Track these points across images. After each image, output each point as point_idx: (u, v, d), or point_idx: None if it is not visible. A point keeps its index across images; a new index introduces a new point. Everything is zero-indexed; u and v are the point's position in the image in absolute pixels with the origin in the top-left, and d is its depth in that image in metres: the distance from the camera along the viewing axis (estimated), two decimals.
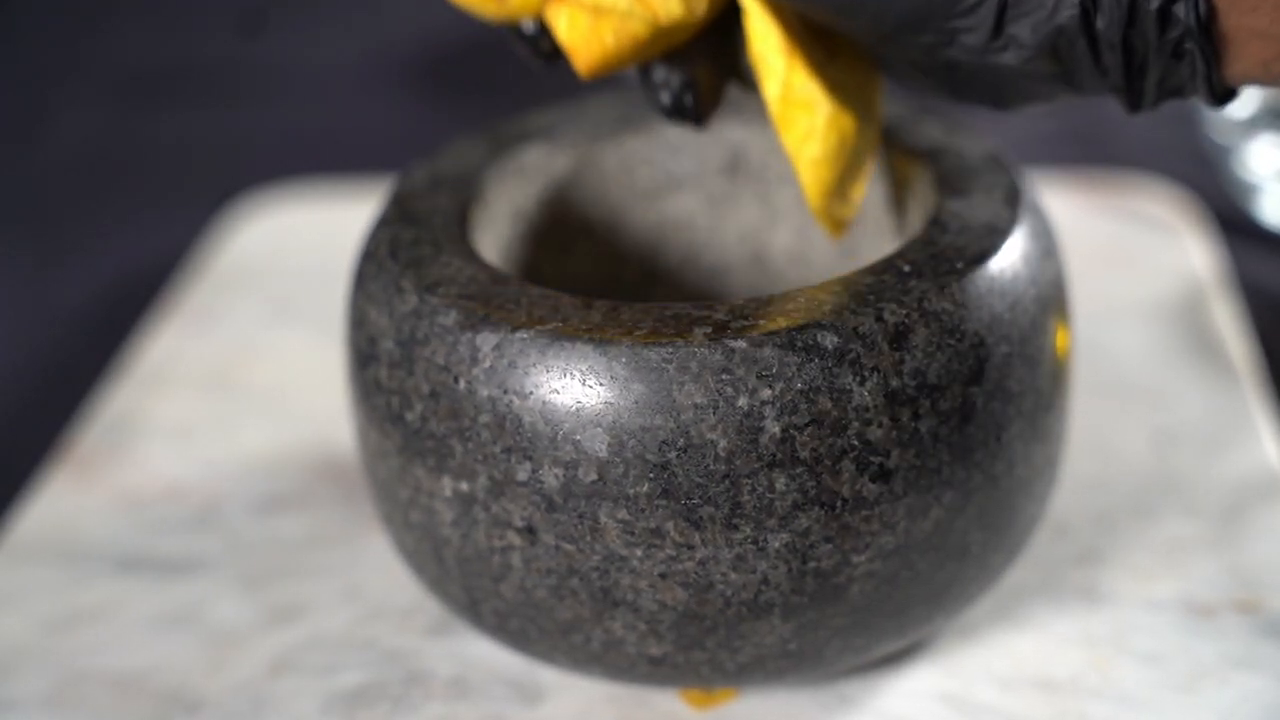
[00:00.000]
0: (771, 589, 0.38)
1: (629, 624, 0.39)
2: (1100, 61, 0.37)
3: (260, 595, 0.50)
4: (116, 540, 0.53)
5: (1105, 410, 0.55)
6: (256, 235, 0.71)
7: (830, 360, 0.37)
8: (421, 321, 0.40)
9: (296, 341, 0.63)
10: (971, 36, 0.37)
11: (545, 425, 0.38)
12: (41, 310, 0.71)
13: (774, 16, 0.40)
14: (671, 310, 0.38)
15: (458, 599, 0.42)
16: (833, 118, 0.41)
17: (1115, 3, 0.36)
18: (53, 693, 0.46)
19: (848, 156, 0.42)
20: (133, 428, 0.58)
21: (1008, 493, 0.40)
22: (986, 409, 0.39)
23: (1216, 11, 0.36)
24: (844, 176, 0.42)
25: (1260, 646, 0.45)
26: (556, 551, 0.38)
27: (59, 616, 0.49)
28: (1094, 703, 0.44)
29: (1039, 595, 0.47)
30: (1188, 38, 0.36)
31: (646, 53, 0.41)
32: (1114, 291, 0.62)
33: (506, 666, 0.46)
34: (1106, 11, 0.36)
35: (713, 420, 0.37)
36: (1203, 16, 0.36)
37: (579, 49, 0.40)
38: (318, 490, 0.54)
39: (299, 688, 0.46)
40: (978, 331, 0.39)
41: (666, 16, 0.40)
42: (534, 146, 0.48)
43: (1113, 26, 0.36)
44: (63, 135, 0.88)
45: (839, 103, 0.41)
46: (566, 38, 0.40)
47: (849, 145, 0.42)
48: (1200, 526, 0.50)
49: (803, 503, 0.37)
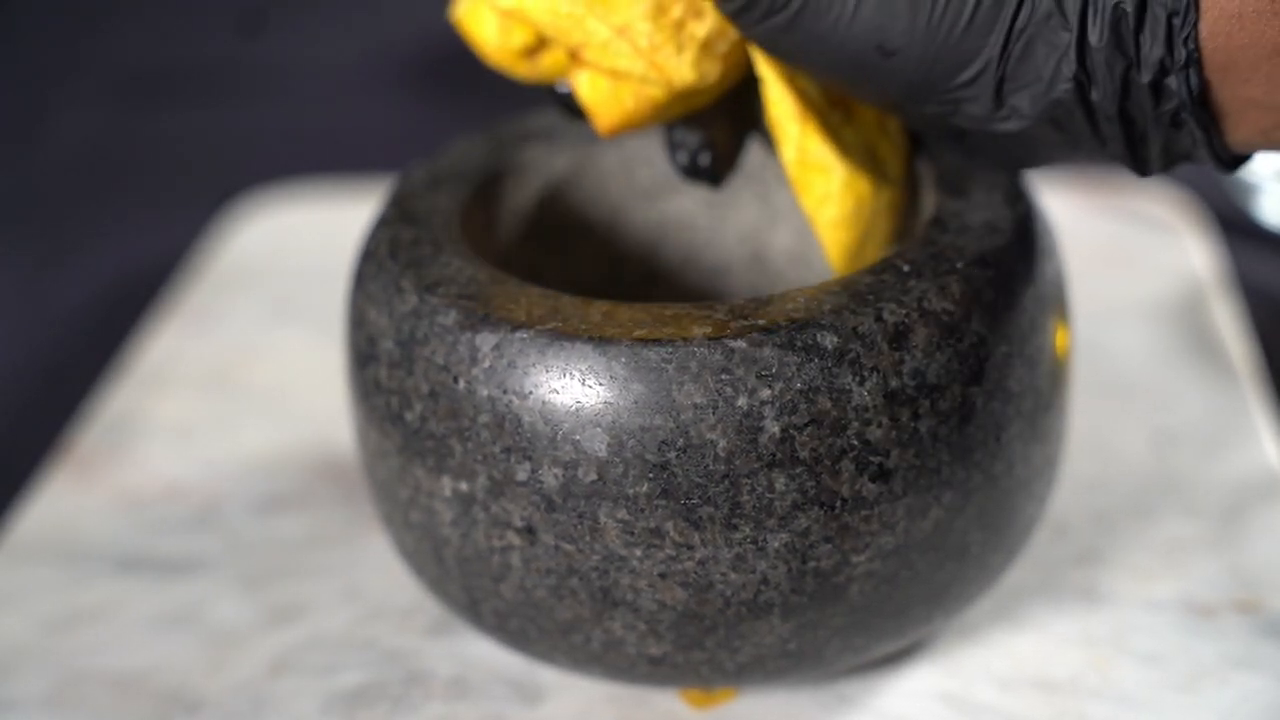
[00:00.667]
0: (771, 589, 0.38)
1: (629, 624, 0.39)
2: (1099, 131, 0.38)
3: (260, 595, 0.50)
4: (116, 540, 0.53)
5: (1105, 410, 0.55)
6: (256, 235, 0.71)
7: (830, 360, 0.37)
8: (421, 321, 0.40)
9: (296, 341, 0.63)
10: (974, 106, 0.38)
11: (545, 425, 0.38)
12: (41, 310, 0.71)
13: (788, 84, 0.41)
14: (671, 310, 0.38)
15: (458, 599, 0.42)
16: (848, 181, 0.42)
17: (1109, 76, 0.36)
18: (53, 693, 0.46)
19: (866, 219, 0.43)
20: (133, 428, 0.58)
21: (1007, 493, 0.40)
22: (986, 409, 0.39)
23: (1209, 84, 0.36)
24: (864, 238, 0.43)
25: (1260, 646, 0.45)
26: (556, 551, 0.38)
27: (59, 616, 0.49)
28: (1094, 703, 0.44)
29: (1039, 595, 0.47)
30: (1183, 110, 0.36)
31: (666, 114, 0.42)
32: (1114, 291, 0.62)
33: (506, 666, 0.46)
34: (1101, 85, 0.37)
35: (712, 420, 0.37)
36: (1195, 90, 0.36)
37: (599, 111, 0.41)
38: (318, 490, 0.54)
39: (299, 688, 0.46)
40: (977, 331, 0.39)
41: (680, 82, 0.41)
42: (534, 146, 0.48)
43: (1107, 99, 0.37)
44: (63, 135, 0.88)
45: (854, 167, 0.42)
46: (588, 99, 0.41)
47: (866, 208, 0.43)
48: (1200, 526, 0.50)
49: (802, 503, 0.37)
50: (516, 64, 0.43)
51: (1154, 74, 0.36)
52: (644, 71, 0.40)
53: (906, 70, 0.38)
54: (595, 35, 0.40)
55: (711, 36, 0.41)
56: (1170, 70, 0.36)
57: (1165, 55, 0.36)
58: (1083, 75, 0.37)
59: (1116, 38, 0.36)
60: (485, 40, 0.43)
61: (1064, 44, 0.37)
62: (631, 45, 0.40)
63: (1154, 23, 0.36)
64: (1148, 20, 0.36)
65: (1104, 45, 0.36)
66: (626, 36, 0.40)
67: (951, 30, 0.37)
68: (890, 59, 0.38)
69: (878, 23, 0.37)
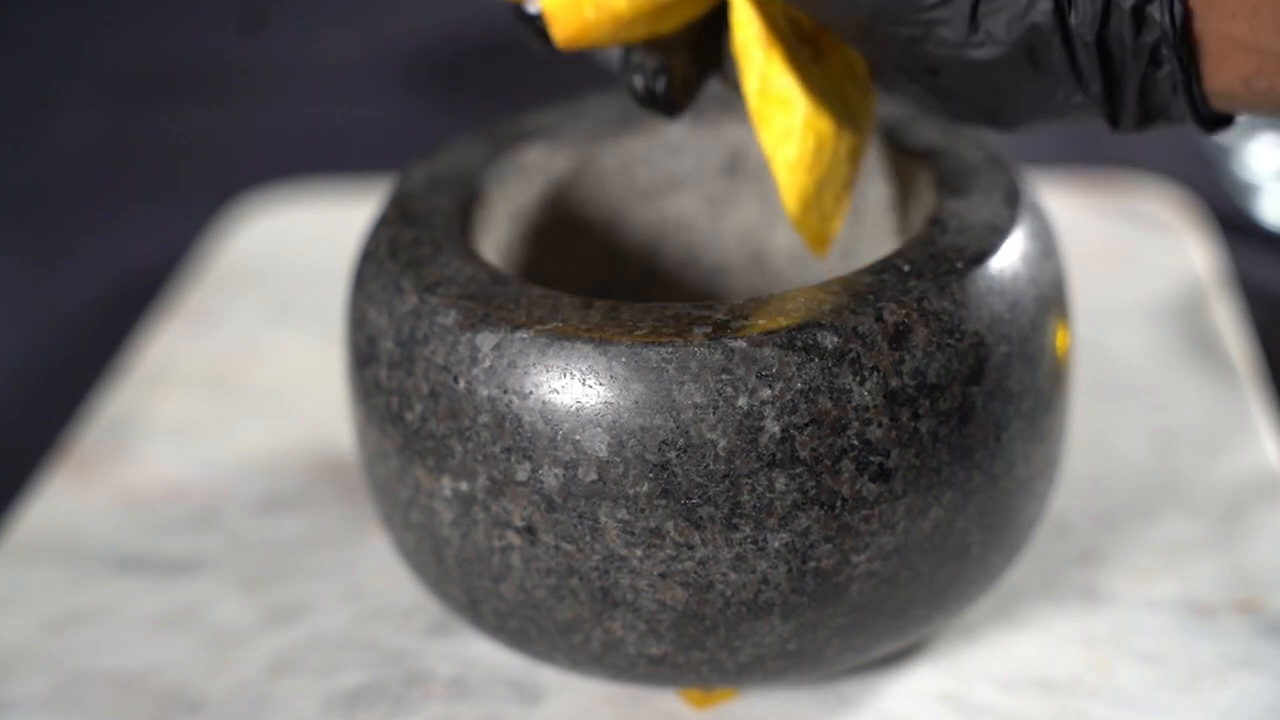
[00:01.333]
0: (771, 589, 0.38)
1: (629, 624, 0.39)
2: (1076, 62, 0.37)
3: (260, 595, 0.50)
4: (116, 540, 0.53)
5: (1105, 410, 0.55)
6: (256, 235, 0.71)
7: (830, 360, 0.37)
8: (421, 321, 0.40)
9: (296, 341, 0.63)
10: (947, 30, 0.37)
11: (545, 425, 0.38)
12: (41, 310, 0.71)
13: (757, 8, 0.40)
14: (671, 310, 0.38)
15: (458, 599, 0.42)
16: (809, 118, 0.41)
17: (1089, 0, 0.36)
18: (53, 693, 0.46)
19: (826, 163, 0.42)
20: (133, 428, 0.58)
21: (1008, 493, 0.40)
22: (986, 409, 0.39)
23: (1192, 14, 0.35)
24: (822, 185, 0.42)
25: (1260, 646, 0.45)
26: (556, 551, 0.38)
27: (59, 616, 0.49)
28: (1094, 703, 0.44)
29: (1039, 595, 0.47)
30: (1164, 42, 0.36)
31: (627, 34, 0.41)
32: (1114, 291, 0.62)
33: (506, 666, 0.46)
34: (1080, 8, 0.36)
35: (712, 420, 0.37)
36: (1177, 18, 0.35)
37: (558, 19, 0.40)
38: (318, 490, 0.54)
39: (299, 688, 0.46)
40: (978, 331, 0.39)
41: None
42: (534, 146, 0.48)
43: (1086, 24, 0.36)
44: (63, 135, 0.88)
45: (818, 104, 0.41)
46: (547, 5, 0.40)
47: (827, 150, 0.42)
48: (1200, 526, 0.50)
49: (802, 502, 0.37)
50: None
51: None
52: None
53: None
54: None
55: None
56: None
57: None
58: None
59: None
60: None
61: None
62: None
63: None
64: None
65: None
66: None
67: None
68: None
69: None
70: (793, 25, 0.41)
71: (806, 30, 0.42)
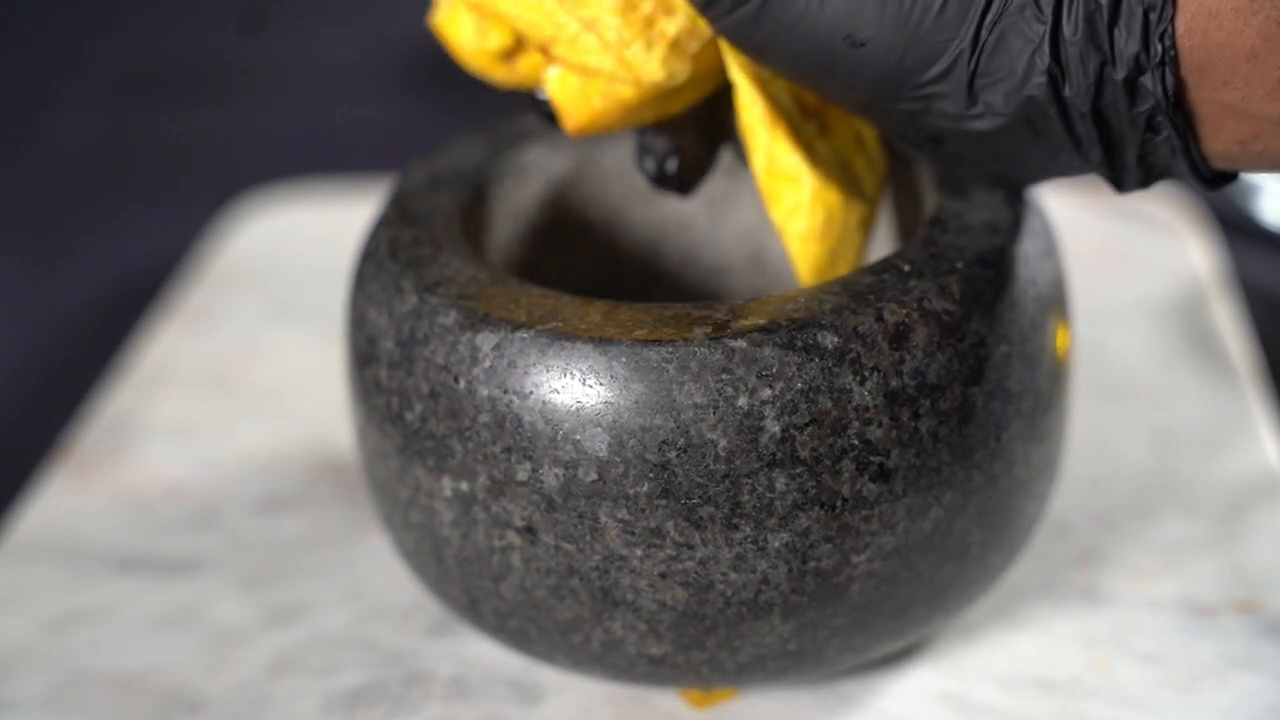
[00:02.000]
0: (771, 589, 0.38)
1: (629, 624, 0.39)
2: (1074, 131, 0.37)
3: (260, 595, 0.50)
4: (116, 540, 0.53)
5: (1105, 410, 0.55)
6: (256, 235, 0.71)
7: (830, 360, 0.37)
8: (421, 321, 0.40)
9: (296, 341, 0.63)
10: (946, 103, 0.38)
11: (545, 425, 0.38)
12: (41, 310, 0.71)
13: (760, 89, 0.41)
14: (671, 310, 0.38)
15: (458, 599, 0.42)
16: (817, 192, 0.42)
17: (1082, 71, 0.36)
18: (53, 693, 0.46)
19: (836, 234, 0.43)
20: (133, 428, 0.58)
21: (1008, 493, 0.40)
22: (986, 409, 0.39)
23: (1185, 84, 0.36)
24: (835, 254, 0.43)
25: (1260, 646, 0.45)
26: (556, 551, 0.38)
27: (59, 616, 0.49)
28: (1094, 703, 0.44)
29: (1039, 595, 0.47)
30: (1159, 111, 0.36)
31: (636, 118, 0.42)
32: (1114, 291, 0.62)
33: (506, 666, 0.46)
34: (1074, 80, 0.36)
35: (713, 420, 0.37)
36: (1170, 89, 0.35)
37: (568, 109, 0.41)
38: (318, 490, 0.54)
39: (299, 688, 0.46)
40: (978, 331, 0.39)
41: (649, 79, 0.40)
42: (534, 146, 0.48)
43: (1080, 95, 0.36)
44: (63, 135, 0.88)
45: (825, 178, 0.42)
46: (556, 97, 0.41)
47: (836, 221, 0.42)
48: (1200, 526, 0.50)
49: (803, 502, 0.37)
50: (494, 67, 0.43)
51: (1129, 70, 0.35)
52: (612, 68, 0.40)
53: (876, 62, 0.37)
54: (565, 29, 0.40)
55: (682, 35, 0.40)
56: (1146, 68, 0.35)
57: (1141, 51, 0.35)
58: (1056, 69, 0.36)
59: (1091, 31, 0.35)
60: (463, 44, 0.43)
61: (1038, 36, 0.36)
62: (600, 40, 0.40)
63: (1130, 16, 0.35)
64: (1123, 14, 0.35)
65: (1078, 38, 0.36)
66: (595, 30, 0.40)
67: (922, 20, 0.37)
68: (860, 50, 0.37)
69: (846, 11, 0.37)
70: (797, 100, 0.42)
71: (811, 105, 0.42)
